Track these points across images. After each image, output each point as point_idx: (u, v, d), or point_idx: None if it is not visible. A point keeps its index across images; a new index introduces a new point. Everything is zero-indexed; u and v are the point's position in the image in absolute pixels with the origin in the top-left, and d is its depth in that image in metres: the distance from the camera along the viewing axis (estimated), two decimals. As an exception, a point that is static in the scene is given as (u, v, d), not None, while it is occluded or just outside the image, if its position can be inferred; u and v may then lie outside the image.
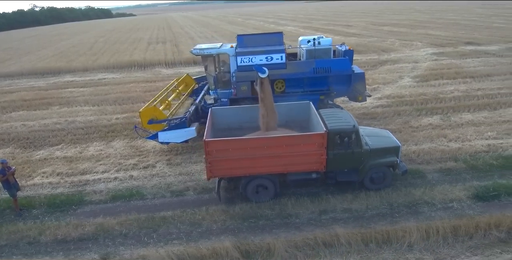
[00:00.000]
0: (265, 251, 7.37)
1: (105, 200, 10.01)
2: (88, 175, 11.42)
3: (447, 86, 17.27)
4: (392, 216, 8.33)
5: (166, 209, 9.32)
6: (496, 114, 13.30)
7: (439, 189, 9.04)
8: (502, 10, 52.89)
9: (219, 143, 8.28)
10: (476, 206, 8.39)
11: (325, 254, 7.24)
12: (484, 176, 9.56)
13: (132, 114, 16.76)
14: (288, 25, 55.17)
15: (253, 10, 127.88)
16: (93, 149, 13.28)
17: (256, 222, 8.52)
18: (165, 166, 11.55)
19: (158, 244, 8.07)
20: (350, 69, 12.20)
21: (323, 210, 8.66)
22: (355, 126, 8.67)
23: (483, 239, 7.25)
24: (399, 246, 7.26)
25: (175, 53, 32.59)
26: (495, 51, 24.08)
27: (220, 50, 12.51)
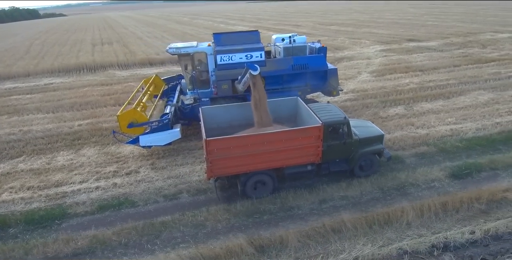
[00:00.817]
0: (278, 244, 7.52)
1: (91, 211, 9.36)
2: (64, 187, 10.54)
3: (401, 79, 18.81)
4: (385, 199, 8.98)
5: (163, 214, 9.00)
6: (451, 102, 14.86)
7: (419, 172, 9.92)
8: (431, 10, 58.63)
9: (220, 142, 8.21)
10: (454, 183, 9.38)
11: (335, 240, 7.60)
12: (454, 157, 10.69)
13: (96, 120, 15.76)
14: (237, 24, 55.43)
15: (196, 9, 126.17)
16: (62, 159, 12.26)
17: (261, 218, 8.62)
18: (150, 170, 11.09)
19: (165, 250, 7.79)
20: (326, 65, 12.79)
21: (322, 200, 9.04)
22: (346, 118, 9.18)
23: (468, 211, 8.15)
24: (398, 225, 7.89)
25: (127, 54, 31.04)
26: (435, 46, 26.71)
27: (198, 49, 12.30)
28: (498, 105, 14.20)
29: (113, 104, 18.05)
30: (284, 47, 12.78)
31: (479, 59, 21.66)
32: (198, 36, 42.13)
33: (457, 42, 27.85)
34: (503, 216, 7.92)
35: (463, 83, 17.23)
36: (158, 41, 39.76)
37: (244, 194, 9.20)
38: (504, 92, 15.58)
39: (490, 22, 37.72)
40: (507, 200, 8.34)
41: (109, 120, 15.61)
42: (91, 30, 60.40)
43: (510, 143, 11.24)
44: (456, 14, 48.58)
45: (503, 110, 13.57)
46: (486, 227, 7.49)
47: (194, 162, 11.44)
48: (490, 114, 13.31)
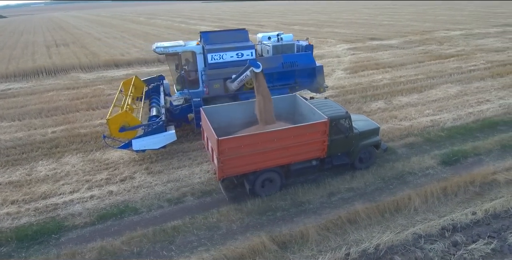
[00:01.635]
0: (299, 239, 7.59)
1: (91, 222, 8.78)
2: (53, 198, 9.77)
3: (374, 75, 19.75)
4: (388, 188, 9.42)
5: (172, 219, 8.69)
6: (424, 95, 15.89)
7: (413, 161, 10.53)
8: (384, 10, 62.01)
9: (232, 141, 8.10)
10: (446, 170, 10.07)
11: (352, 230, 7.83)
12: (439, 145, 11.47)
13: (70, 126, 14.75)
14: (199, 24, 54.66)
15: (148, 9, 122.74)
16: (43, 169, 11.34)
17: (274, 215, 8.63)
18: (146, 176, 10.62)
19: (183, 255, 7.54)
20: (314, 63, 13.09)
21: (330, 193, 9.27)
22: (347, 113, 9.48)
23: (465, 194, 8.80)
24: (407, 212, 8.31)
25: (88, 56, 29.36)
26: (397, 44, 28.34)
27: (186, 48, 11.99)
28: (467, 96, 15.45)
29: (86, 109, 17.03)
30: (273, 45, 12.88)
31: (439, 55, 23.36)
32: (161, 36, 41.02)
33: (415, 39, 29.77)
34: (496, 197, 8.66)
35: (430, 78, 18.48)
36: (119, 41, 38.09)
37: (253, 193, 9.15)
38: (469, 85, 16.97)
39: (440, 21, 40.79)
40: (496, 181, 9.13)
41: (86, 126, 14.71)
42: (41, 31, 56.24)
43: (485, 130, 12.28)
44: (407, 14, 51.91)
45: (473, 101, 14.79)
46: (484, 207, 8.14)
47: (192, 164, 11.15)
48: (462, 105, 14.44)
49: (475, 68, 19.74)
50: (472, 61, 21.28)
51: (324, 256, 7.06)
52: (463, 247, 7.05)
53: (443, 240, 7.28)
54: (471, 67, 19.89)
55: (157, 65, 26.79)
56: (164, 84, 14.74)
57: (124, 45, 34.45)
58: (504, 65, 19.91)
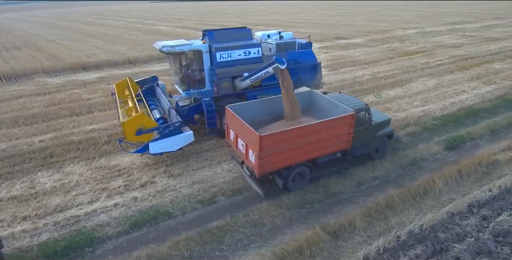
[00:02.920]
0: (348, 227, 7.92)
1: (125, 231, 8.34)
2: (71, 211, 9.09)
3: (355, 72, 20.81)
4: (408, 174, 10.12)
5: (211, 220, 8.56)
6: (407, 89, 17.13)
7: (421, 148, 11.40)
8: (338, 11, 65.02)
9: (273, 137, 8.17)
10: (452, 154, 11.06)
11: (391, 215, 8.34)
12: (437, 133, 12.51)
13: (59, 133, 13.69)
14: (157, 24, 52.99)
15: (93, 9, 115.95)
16: (47, 181, 10.46)
17: (313, 207, 8.88)
18: (168, 179, 10.28)
19: (237, 253, 7.50)
20: (316, 60, 13.52)
21: (358, 182, 9.74)
22: (367, 105, 10.01)
23: (475, 174, 9.77)
24: (433, 194, 9.03)
25: (50, 59, 27.23)
26: (362, 43, 30.01)
27: (193, 47, 11.75)
28: (444, 88, 16.95)
29: (69, 115, 15.89)
30: (277, 43, 13.09)
31: (405, 52, 25.23)
32: (122, 36, 39.34)
33: (378, 38, 31.77)
34: (501, 174, 9.73)
35: (406, 73, 19.94)
36: (78, 43, 35.70)
37: (286, 188, 9.30)
38: (443, 77, 18.61)
39: (393, 21, 43.85)
40: (497, 161, 10.24)
41: (77, 132, 13.75)
42: (-22, 34, 50.64)
43: (471, 117, 13.63)
44: (361, 15, 55.02)
45: (451, 92, 16.28)
46: (497, 184, 9.10)
47: (211, 165, 10.99)
48: (443, 96, 15.84)
49: (441, 62, 21.66)
50: (436, 56, 23.30)
51: (376, 240, 7.45)
52: (492, 220, 7.86)
53: (473, 216, 8.05)
54: (438, 62, 21.78)
55: (129, 67, 25.71)
56: (160, 85, 14.29)
57: (85, 47, 32.40)
58: (466, 59, 22.11)
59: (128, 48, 30.70)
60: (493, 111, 14.17)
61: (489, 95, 15.69)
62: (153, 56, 27.70)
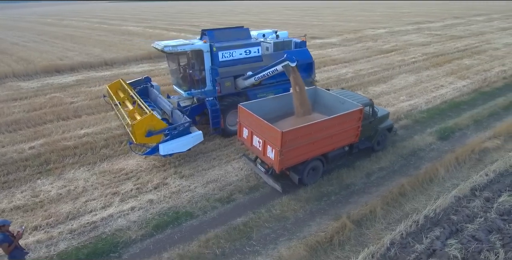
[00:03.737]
0: (369, 215, 8.34)
1: (149, 233, 8.22)
2: (85, 217, 8.78)
3: (337, 70, 21.58)
4: (410, 163, 10.79)
5: (234, 217, 8.66)
6: (390, 85, 18.07)
7: (416, 139, 12.16)
8: (306, 12, 66.45)
9: (293, 132, 8.40)
10: (445, 144, 11.90)
11: (404, 202, 8.89)
12: (428, 125, 13.37)
13: (49, 139, 13.05)
14: (124, 25, 51.25)
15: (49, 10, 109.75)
16: (51, 188, 10.00)
17: (330, 199, 9.23)
18: (180, 180, 10.20)
19: (268, 247, 7.68)
20: (311, 58, 13.93)
21: (367, 174, 10.23)
22: (371, 100, 10.54)
23: (470, 161, 10.62)
24: (438, 181, 9.72)
25: (20, 63, 25.61)
26: (337, 42, 31.07)
27: (195, 46, 11.70)
28: (424, 83, 18.08)
29: (55, 120, 15.14)
30: (274, 42, 13.34)
31: (380, 50, 26.49)
32: (92, 37, 37.79)
33: (351, 38, 33.02)
34: (492, 160, 10.64)
35: (385, 70, 21.00)
36: (45, 45, 33.78)
37: (301, 182, 9.58)
38: (420, 74, 19.81)
39: (361, 21, 45.67)
40: (487, 148, 11.19)
41: (69, 138, 13.17)
42: None
43: (454, 110, 14.70)
44: (329, 15, 56.71)
45: (431, 87, 17.41)
46: (492, 169, 9.95)
47: (220, 164, 11.03)
48: (425, 91, 16.90)
49: (415, 60, 23.01)
50: (410, 54, 24.70)
51: (397, 226, 7.92)
52: (495, 201, 8.62)
53: (477, 198, 8.77)
54: (412, 59, 23.12)
55: (107, 69, 24.80)
56: (154, 86, 14.05)
57: (55, 49, 30.77)
58: (437, 56, 23.65)
59: (102, 49, 29.59)
60: (472, 103, 15.38)
61: (466, 89, 16.97)
62: (130, 57, 26.97)
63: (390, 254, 7.16)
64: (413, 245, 7.36)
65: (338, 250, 7.48)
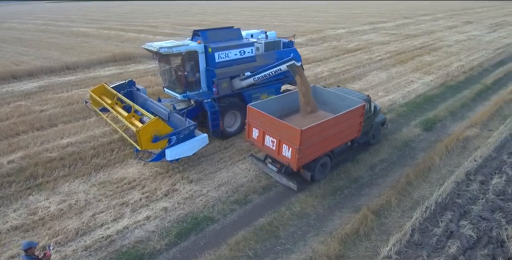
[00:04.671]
0: (385, 205, 8.79)
1: (173, 242, 7.94)
2: (98, 232, 8.23)
3: (313, 69, 22.23)
4: (405, 154, 11.52)
5: (256, 217, 8.67)
6: (366, 82, 19.03)
7: (404, 131, 12.98)
8: (264, 12, 67.20)
9: (310, 130, 8.57)
10: (430, 134, 12.86)
11: (412, 190, 9.49)
12: (410, 118, 14.32)
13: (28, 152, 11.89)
14: (74, 26, 47.79)
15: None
16: (49, 204, 9.21)
17: (343, 193, 9.58)
18: (190, 185, 9.92)
19: (299, 244, 7.81)
20: (300, 57, 14.19)
21: (370, 166, 10.75)
22: (368, 96, 11.07)
23: (457, 149, 11.60)
24: (434, 168, 10.50)
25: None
26: (304, 42, 31.90)
27: (190, 47, 11.41)
28: (395, 79, 19.29)
29: (29, 130, 13.86)
30: (265, 42, 13.45)
31: (346, 49, 27.71)
32: (44, 40, 35.00)
33: (315, 38, 34.11)
34: (476, 147, 11.72)
35: (357, 68, 22.05)
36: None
37: (313, 178, 9.81)
38: (389, 70, 21.09)
39: (319, 21, 47.29)
40: (469, 136, 12.30)
41: (50, 149, 12.15)
42: None
43: (429, 103, 15.91)
44: (287, 16, 57.97)
45: (403, 82, 18.63)
46: (478, 155, 10.98)
47: (226, 166, 10.92)
48: (398, 86, 18.06)
49: (381, 58, 24.43)
50: (375, 52, 26.16)
51: (412, 213, 8.46)
52: (489, 183, 9.52)
53: (473, 182, 9.62)
54: (378, 57, 24.52)
55: (70, 73, 23.13)
56: (140, 89, 13.49)
57: (6, 54, 27.98)
58: (400, 54, 25.32)
59: (60, 52, 27.55)
60: (443, 96, 16.75)
61: (433, 83, 18.42)
62: (93, 60, 25.42)
63: (414, 239, 7.64)
64: (431, 229, 7.91)
65: (365, 240, 7.81)
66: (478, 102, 15.96)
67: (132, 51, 27.60)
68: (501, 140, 11.72)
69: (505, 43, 28.40)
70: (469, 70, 20.72)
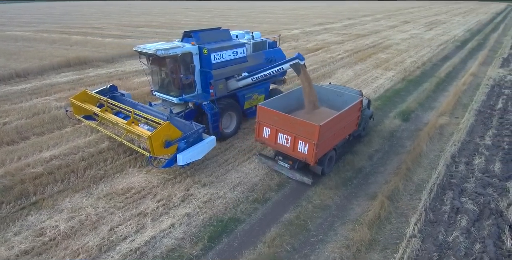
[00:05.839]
0: (394, 190, 9.56)
1: (207, 246, 7.85)
2: (123, 245, 7.81)
3: (282, 68, 22.80)
4: (394, 143, 12.56)
5: (280, 214, 8.89)
6: (336, 79, 20.08)
7: (386, 123, 14.10)
8: (213, 13, 66.81)
9: (326, 125, 8.97)
10: (408, 124, 14.12)
11: (411, 175, 10.43)
12: (386, 110, 15.55)
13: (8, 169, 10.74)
14: (6, 30, 43.30)
15: None
16: (55, 222, 8.45)
17: (353, 183, 10.20)
18: (204, 188, 9.78)
19: (330, 234, 8.21)
20: (285, 57, 14.63)
21: (369, 157, 11.55)
22: (360, 91, 11.86)
23: (436, 135, 12.93)
24: (424, 154, 11.60)
25: None
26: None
27: (185, 49, 11.17)
28: (362, 76, 20.70)
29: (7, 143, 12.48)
30: (253, 43, 13.61)
31: (307, 49, 28.89)
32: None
33: (273, 38, 34.91)
34: (451, 133, 13.18)
35: (323, 66, 23.18)
36: None
37: (323, 172, 10.28)
38: (353, 68, 22.53)
39: (271, 22, 48.45)
40: (442, 124, 13.78)
41: (31, 164, 11.03)
42: None
43: (397, 96, 17.40)
44: (237, 17, 58.39)
45: (369, 78, 20.07)
46: (455, 139, 12.36)
47: (234, 167, 10.95)
48: (367, 82, 19.42)
49: (341, 56, 25.95)
50: (334, 52, 27.67)
51: (419, 195, 9.36)
52: (473, 163, 10.82)
53: (459, 164, 10.87)
54: (339, 56, 26.01)
55: (23, 81, 20.99)
56: (125, 94, 12.87)
57: None
58: (357, 52, 27.11)
59: (4, 59, 24.76)
60: (407, 89, 18.42)
61: (395, 78, 20.13)
62: (46, 66, 23.35)
63: (429, 218, 8.48)
64: (440, 207, 8.83)
65: (387, 224, 8.46)
66: (439, 93, 17.86)
67: (87, 55, 25.91)
68: (470, 126, 13.35)
69: (444, 40, 31.96)
70: (421, 65, 23.00)
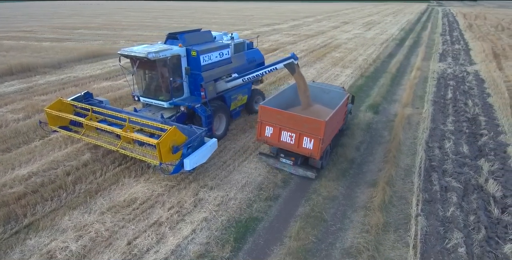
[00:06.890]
0: (388, 176, 10.46)
1: (236, 247, 7.89)
2: (149, 257, 7.50)
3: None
4: (373, 134, 13.60)
5: (294, 209, 9.22)
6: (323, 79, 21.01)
7: (361, 116, 15.21)
8: (156, 13, 64.40)
9: (330, 120, 9.50)
10: (381, 116, 15.39)
11: (397, 162, 11.47)
12: (356, 105, 16.66)
13: None
14: None
15: None
16: (62, 244, 7.78)
17: (350, 173, 10.90)
18: (213, 192, 9.71)
19: (345, 222, 8.74)
20: (263, 57, 14.94)
21: (356, 148, 12.40)
22: (343, 87, 12.68)
23: (406, 125, 14.31)
24: (402, 141, 12.77)
25: None
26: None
27: (174, 51, 10.90)
28: (324, 74, 21.86)
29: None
30: (234, 44, 13.67)
31: (265, 49, 29.32)
32: None
33: (226, 39, 35.00)
34: (417, 122, 14.67)
35: (285, 65, 23.91)
36: None
37: (322, 166, 10.85)
38: (314, 66, 23.66)
39: (219, 23, 48.36)
40: (408, 114, 15.27)
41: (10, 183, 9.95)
42: None
43: (361, 91, 18.73)
44: (181, 17, 57.11)
45: (332, 76, 21.29)
46: (424, 127, 13.80)
47: (236, 167, 11.01)
48: (331, 79, 20.59)
49: (300, 56, 26.99)
50: (292, 51, 28.68)
51: (410, 179, 10.39)
52: (444, 147, 12.24)
53: (433, 148, 12.21)
54: (298, 55, 26.99)
55: None
56: (103, 101, 12.16)
57: None
58: (312, 52, 28.46)
59: None
60: (368, 85, 19.96)
61: (354, 75, 21.66)
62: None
63: (426, 197, 9.49)
64: (431, 188, 9.92)
65: (391, 207, 9.28)
66: (395, 87, 19.68)
67: (30, 60, 23.60)
68: (431, 114, 15.02)
69: (384, 39, 34.99)
70: (373, 62, 25.01)
